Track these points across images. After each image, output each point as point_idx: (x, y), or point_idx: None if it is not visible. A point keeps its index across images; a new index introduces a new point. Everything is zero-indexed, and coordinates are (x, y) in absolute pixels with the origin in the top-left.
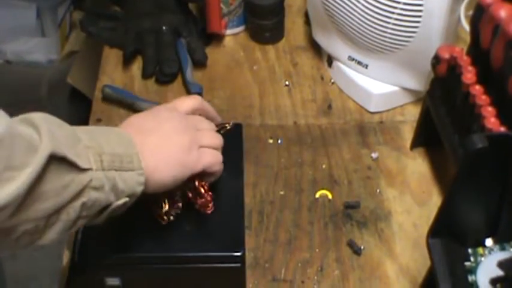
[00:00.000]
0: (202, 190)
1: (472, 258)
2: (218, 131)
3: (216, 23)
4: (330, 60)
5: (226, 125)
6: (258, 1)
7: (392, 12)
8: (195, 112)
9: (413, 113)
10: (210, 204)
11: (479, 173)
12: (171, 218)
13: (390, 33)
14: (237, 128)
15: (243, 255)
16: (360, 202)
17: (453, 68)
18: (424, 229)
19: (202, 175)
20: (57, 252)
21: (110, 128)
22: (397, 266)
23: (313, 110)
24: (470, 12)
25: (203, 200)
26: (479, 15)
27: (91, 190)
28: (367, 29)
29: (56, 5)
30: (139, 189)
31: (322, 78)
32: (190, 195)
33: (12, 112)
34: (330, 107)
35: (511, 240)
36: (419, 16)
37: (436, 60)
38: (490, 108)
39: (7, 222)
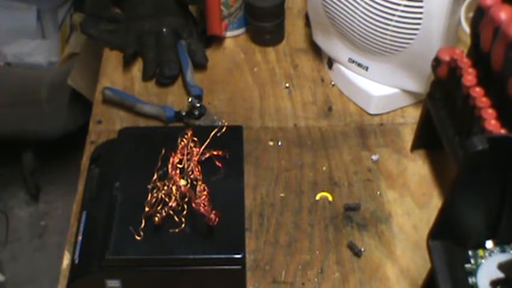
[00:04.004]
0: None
1: (472, 260)
2: (216, 133)
3: (216, 25)
4: (330, 62)
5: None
6: (258, 3)
7: (393, 15)
8: None
9: (413, 115)
10: (210, 210)
11: (479, 175)
12: (163, 214)
13: (391, 36)
14: (237, 130)
15: (244, 257)
16: (360, 204)
17: (453, 70)
18: (425, 231)
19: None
20: (58, 255)
21: None
22: (398, 268)
23: (314, 112)
24: (471, 14)
25: (203, 207)
26: (480, 17)
27: None
28: (368, 31)
29: (57, 7)
30: None
31: (322, 80)
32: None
33: (13, 114)
34: (330, 109)
35: (511, 242)
36: (420, 18)
37: (437, 62)
38: (490, 110)
39: None
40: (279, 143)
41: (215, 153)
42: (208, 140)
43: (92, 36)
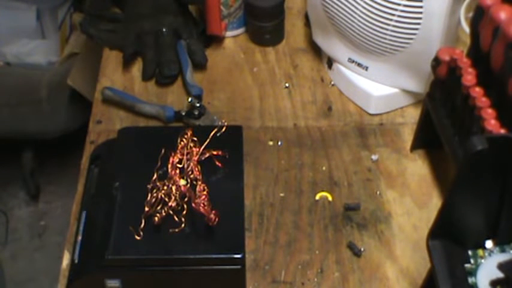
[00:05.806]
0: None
1: (472, 260)
2: (215, 133)
3: (216, 25)
4: (330, 62)
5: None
6: (258, 3)
7: (393, 15)
8: None
9: (413, 115)
10: (210, 209)
11: (479, 174)
12: (162, 214)
13: (390, 35)
14: (237, 130)
15: (243, 257)
16: (360, 204)
17: (453, 70)
18: (424, 231)
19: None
20: (57, 254)
21: None
22: (397, 267)
23: (313, 112)
24: (471, 14)
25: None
26: (479, 17)
27: None
28: (368, 31)
29: (56, 7)
30: None
31: (322, 80)
32: (187, 197)
33: (13, 114)
34: (330, 109)
35: (511, 242)
36: (420, 18)
37: (436, 62)
38: (490, 110)
39: None
40: (279, 143)
41: (215, 153)
42: (208, 140)
43: (91, 36)
